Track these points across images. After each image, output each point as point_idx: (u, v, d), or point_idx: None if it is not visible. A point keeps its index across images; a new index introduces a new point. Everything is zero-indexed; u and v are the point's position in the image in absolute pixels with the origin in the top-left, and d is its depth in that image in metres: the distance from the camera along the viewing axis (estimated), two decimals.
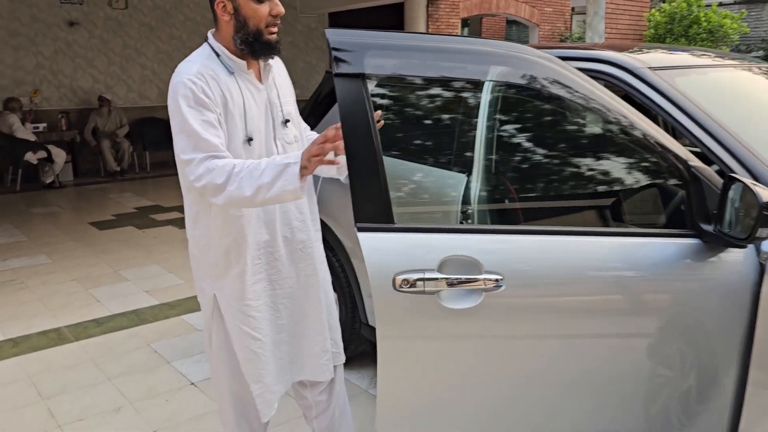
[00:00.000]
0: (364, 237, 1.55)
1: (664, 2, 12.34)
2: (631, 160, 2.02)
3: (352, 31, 1.61)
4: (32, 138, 8.77)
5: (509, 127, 2.22)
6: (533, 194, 2.22)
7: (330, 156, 1.66)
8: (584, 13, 15.58)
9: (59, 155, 8.91)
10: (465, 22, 13.83)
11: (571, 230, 1.70)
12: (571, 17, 12.81)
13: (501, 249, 1.62)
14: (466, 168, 2.38)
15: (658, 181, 2.04)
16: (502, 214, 2.33)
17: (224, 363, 2.06)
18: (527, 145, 2.21)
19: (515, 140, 2.23)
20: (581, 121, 2.03)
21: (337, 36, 1.59)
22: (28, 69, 9.54)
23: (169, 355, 3.66)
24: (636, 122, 1.83)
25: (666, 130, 3.07)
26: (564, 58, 2.36)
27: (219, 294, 1.99)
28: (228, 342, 2.03)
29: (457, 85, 2.09)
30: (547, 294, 1.66)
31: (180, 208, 7.60)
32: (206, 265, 1.99)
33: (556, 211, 2.13)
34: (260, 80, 1.96)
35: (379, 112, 1.73)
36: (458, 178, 2.42)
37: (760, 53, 14.51)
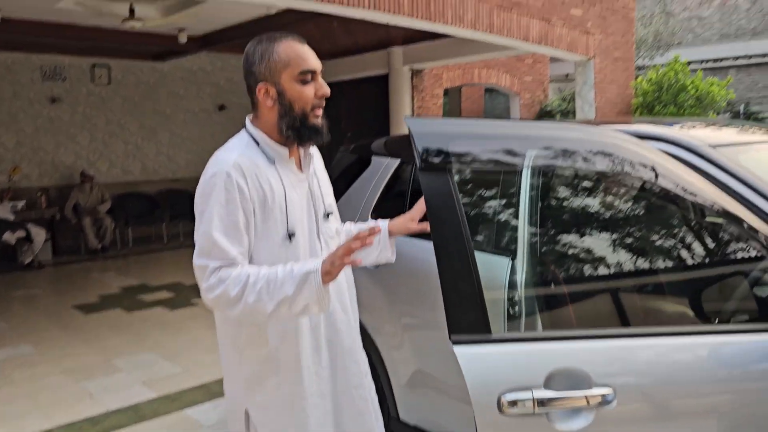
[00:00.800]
0: (461, 352, 1.36)
1: (645, 69, 12.75)
2: (713, 246, 1.89)
3: (433, 120, 1.47)
4: (10, 217, 8.45)
5: (592, 211, 2.08)
6: (604, 285, 2.05)
7: (356, 255, 1.57)
8: (559, 82, 16.03)
9: (39, 234, 8.58)
10: (445, 91, 14.07)
11: (683, 330, 1.53)
12: (548, 85, 13.11)
13: (610, 358, 1.44)
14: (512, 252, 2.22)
15: (748, 267, 1.90)
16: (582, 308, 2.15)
17: None
18: (603, 231, 2.07)
19: (591, 226, 2.09)
20: (663, 205, 1.90)
21: (419, 126, 1.45)
22: (8, 146, 9.31)
23: None
24: (723, 203, 1.70)
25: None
26: None
27: (253, 408, 1.80)
28: None
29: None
30: (659, 407, 1.47)
31: (168, 287, 7.30)
32: (238, 379, 1.82)
33: (633, 304, 1.97)
34: (300, 169, 1.83)
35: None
36: (503, 263, 2.26)
37: (727, 116, 15.02)
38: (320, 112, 1.76)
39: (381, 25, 6.54)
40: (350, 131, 11.58)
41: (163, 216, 10.24)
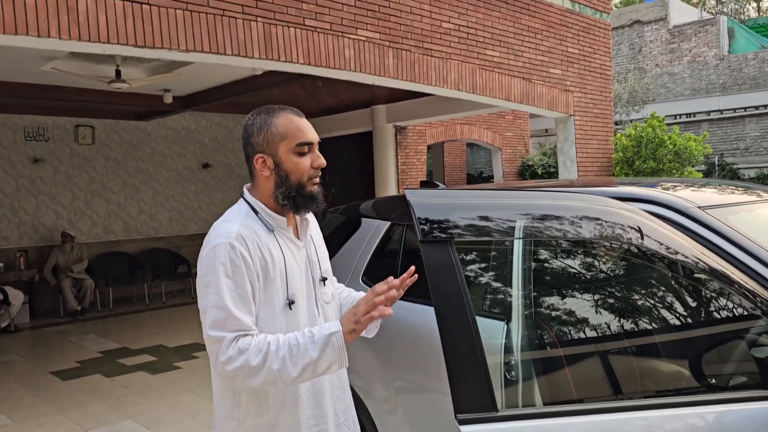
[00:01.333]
0: (468, 431, 1.31)
1: (623, 124, 13.05)
2: (708, 310, 1.87)
3: (433, 192, 1.45)
4: None
5: (584, 278, 2.06)
6: (600, 351, 2.02)
7: (381, 309, 1.56)
8: (539, 136, 16.37)
9: (16, 297, 8.37)
10: (428, 147, 14.27)
11: (691, 401, 1.49)
12: (529, 140, 13.37)
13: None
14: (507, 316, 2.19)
15: (744, 331, 1.88)
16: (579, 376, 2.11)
17: None
18: (598, 297, 2.04)
19: (585, 291, 2.06)
20: (657, 269, 1.89)
21: (418, 198, 1.43)
22: None
23: None
24: (720, 268, 1.69)
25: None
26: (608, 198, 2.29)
27: None
28: None
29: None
30: None
31: (149, 350, 7.11)
32: None
33: (630, 372, 1.93)
34: (298, 236, 1.86)
35: (412, 268, 1.59)
36: (497, 326, 2.22)
37: (703, 167, 15.37)
38: (317, 181, 1.81)
39: (365, 85, 6.68)
40: (335, 187, 11.64)
41: (144, 276, 10.08)
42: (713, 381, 2.04)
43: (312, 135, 1.79)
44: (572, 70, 7.90)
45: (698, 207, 2.19)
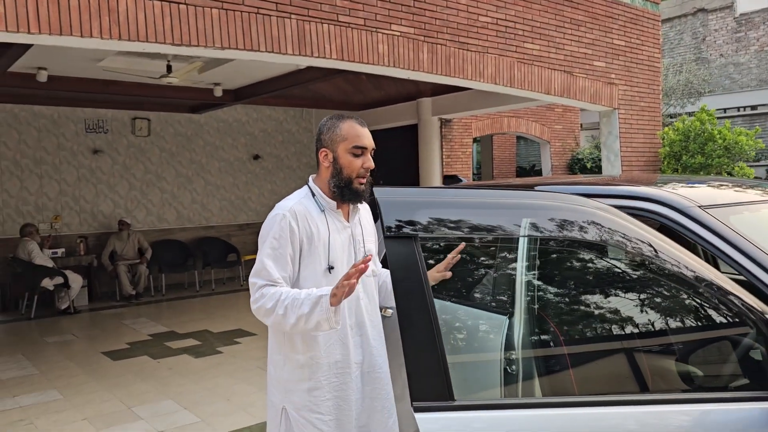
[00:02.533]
0: (422, 418, 1.38)
1: (676, 117, 12.64)
2: (701, 312, 1.87)
3: (401, 189, 1.52)
4: (50, 264, 8.75)
5: (561, 276, 2.09)
6: (587, 351, 2.05)
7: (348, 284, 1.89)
8: (592, 129, 16.00)
9: (76, 281, 8.85)
10: (476, 139, 14.18)
11: (655, 399, 1.52)
12: (583, 133, 13.11)
13: (576, 426, 1.44)
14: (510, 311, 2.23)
15: (732, 334, 1.87)
16: (550, 365, 2.14)
17: None
18: (581, 296, 2.07)
19: (567, 289, 2.09)
20: (640, 272, 1.90)
21: (385, 195, 1.51)
22: (51, 196, 9.72)
23: None
24: (702, 272, 1.69)
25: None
26: (609, 196, 2.29)
27: (289, 406, 2.18)
28: None
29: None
30: None
31: (195, 334, 7.42)
32: (279, 380, 2.22)
33: (612, 369, 1.95)
34: (347, 219, 2.28)
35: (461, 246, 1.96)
36: (499, 320, 2.26)
37: None
38: (363, 181, 2.21)
39: (408, 79, 6.74)
40: (382, 179, 11.75)
41: (196, 263, 10.47)
42: (706, 381, 2.03)
43: (367, 142, 2.22)
44: (617, 62, 7.72)
45: (699, 206, 2.17)
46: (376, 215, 3.65)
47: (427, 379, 1.41)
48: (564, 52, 6.96)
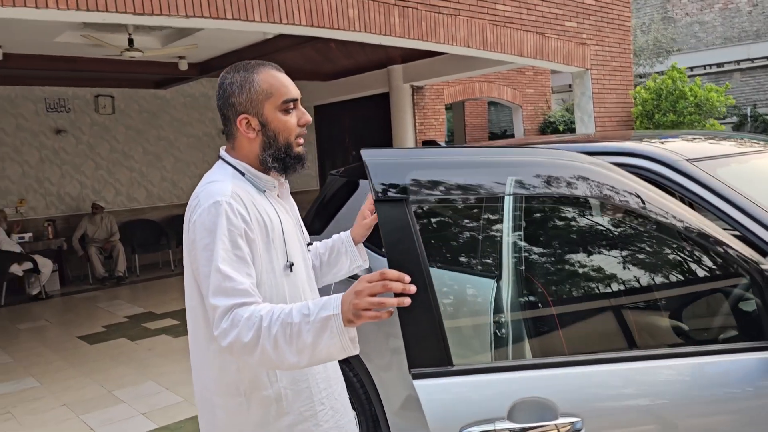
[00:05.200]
0: (421, 385, 1.33)
1: (646, 76, 12.70)
2: (692, 265, 1.85)
3: (389, 150, 1.45)
4: (17, 249, 8.52)
5: (551, 232, 2.05)
6: (579, 306, 2.02)
7: (389, 299, 1.30)
8: (563, 92, 16.02)
9: (46, 265, 8.64)
10: (448, 107, 14.10)
11: (652, 354, 1.49)
12: (550, 96, 13.10)
13: (576, 386, 1.41)
14: (497, 273, 2.19)
15: (724, 286, 1.85)
16: (540, 325, 2.11)
17: None
18: (571, 251, 2.03)
19: (557, 246, 2.05)
20: (631, 224, 1.86)
21: (374, 157, 1.43)
22: (14, 179, 9.42)
23: None
24: (694, 222, 1.66)
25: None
26: (595, 153, 2.25)
27: None
28: None
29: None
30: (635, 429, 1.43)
31: (173, 314, 7.30)
32: (245, 425, 1.63)
33: (605, 325, 1.93)
34: (283, 198, 1.78)
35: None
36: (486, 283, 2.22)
37: (734, 119, 14.92)
38: (302, 140, 1.70)
39: (379, 45, 6.59)
40: (354, 150, 11.62)
41: (170, 242, 10.29)
42: (696, 334, 2.02)
43: (296, 91, 1.69)
44: (588, 22, 7.67)
45: (686, 159, 2.15)
46: (354, 184, 3.57)
47: (425, 345, 1.35)
48: (536, 13, 6.88)
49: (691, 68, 15.90)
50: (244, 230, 1.54)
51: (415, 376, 1.35)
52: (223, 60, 9.02)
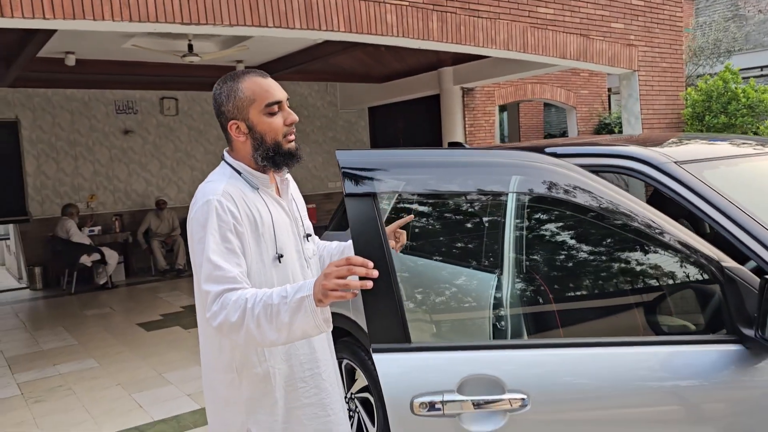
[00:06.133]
0: (379, 359, 1.51)
1: (704, 77, 12.33)
2: (663, 263, 1.95)
3: (361, 151, 1.63)
4: (87, 241, 9.13)
5: (531, 233, 2.18)
6: (563, 302, 2.14)
7: (353, 281, 1.47)
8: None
9: (112, 257, 9.22)
10: (503, 108, 14.08)
11: (599, 341, 1.62)
12: (609, 97, 12.90)
13: (524, 366, 1.55)
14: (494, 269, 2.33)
15: (693, 282, 1.94)
16: (531, 319, 2.25)
17: None
18: (552, 251, 2.16)
19: (538, 246, 2.18)
20: (605, 227, 1.98)
21: (346, 157, 1.62)
22: (86, 176, 10.09)
23: None
24: (662, 225, 1.77)
25: (698, 225, 2.97)
26: (586, 155, 2.36)
27: (255, 428, 1.83)
28: None
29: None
30: (576, 411, 1.56)
31: None
32: (238, 400, 1.83)
33: (584, 317, 2.05)
34: (279, 195, 1.94)
35: (411, 216, 1.78)
36: (486, 279, 2.37)
37: None
38: (292, 138, 1.85)
39: (429, 49, 6.74)
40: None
41: None
42: (668, 326, 2.11)
43: (280, 93, 1.84)
44: (637, 23, 7.59)
45: (674, 162, 2.23)
46: None
47: (385, 323, 1.53)
48: (579, 15, 6.88)
49: (761, 68, 15.27)
50: (233, 225, 1.72)
51: (375, 351, 1.52)
52: (279, 63, 9.39)
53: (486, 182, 1.70)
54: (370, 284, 1.46)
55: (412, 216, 2.00)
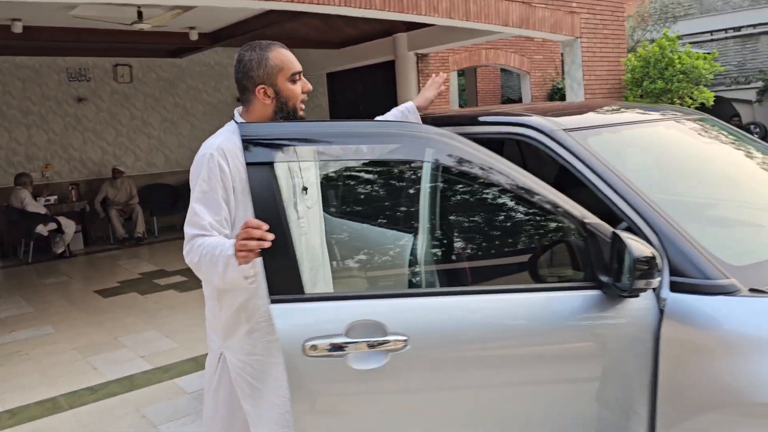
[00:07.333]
0: (275, 308, 1.73)
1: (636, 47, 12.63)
2: (541, 221, 2.19)
3: (261, 124, 1.83)
4: (42, 211, 9.13)
5: (403, 193, 2.41)
6: (457, 256, 2.39)
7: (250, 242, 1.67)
8: None
9: (69, 226, 9.25)
10: (461, 73, 14.23)
11: (473, 290, 1.86)
12: (562, 63, 13.13)
13: (404, 311, 1.79)
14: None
15: (566, 237, 2.20)
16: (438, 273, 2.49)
17: (222, 424, 2.15)
18: (443, 213, 2.39)
19: (407, 204, 2.41)
20: (485, 189, 2.21)
21: (247, 129, 1.81)
22: (40, 145, 10.02)
23: (157, 419, 3.81)
24: (532, 187, 2.00)
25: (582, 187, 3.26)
26: (487, 123, 2.59)
27: (227, 351, 2.11)
28: (229, 402, 2.13)
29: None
30: (450, 350, 1.81)
31: (182, 272, 7.83)
32: (217, 326, 2.15)
33: (475, 270, 2.29)
34: None
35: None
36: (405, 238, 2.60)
37: (759, 84, 14.70)
38: (303, 106, 2.15)
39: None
40: (367, 115, 11.93)
41: (185, 205, 10.80)
42: (547, 276, 2.37)
43: (299, 65, 2.14)
44: None
45: (563, 129, 2.47)
46: None
47: (281, 277, 1.74)
48: None
49: (711, 32, 15.65)
50: (220, 178, 1.99)
51: (273, 301, 1.74)
52: (233, 30, 9.36)
53: (374, 151, 1.91)
54: (267, 244, 1.67)
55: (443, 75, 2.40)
